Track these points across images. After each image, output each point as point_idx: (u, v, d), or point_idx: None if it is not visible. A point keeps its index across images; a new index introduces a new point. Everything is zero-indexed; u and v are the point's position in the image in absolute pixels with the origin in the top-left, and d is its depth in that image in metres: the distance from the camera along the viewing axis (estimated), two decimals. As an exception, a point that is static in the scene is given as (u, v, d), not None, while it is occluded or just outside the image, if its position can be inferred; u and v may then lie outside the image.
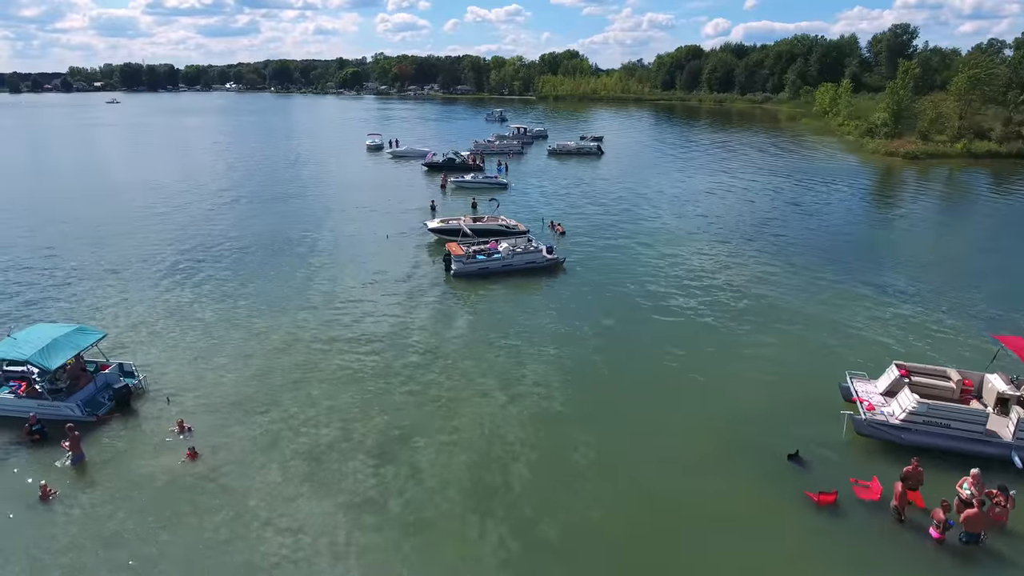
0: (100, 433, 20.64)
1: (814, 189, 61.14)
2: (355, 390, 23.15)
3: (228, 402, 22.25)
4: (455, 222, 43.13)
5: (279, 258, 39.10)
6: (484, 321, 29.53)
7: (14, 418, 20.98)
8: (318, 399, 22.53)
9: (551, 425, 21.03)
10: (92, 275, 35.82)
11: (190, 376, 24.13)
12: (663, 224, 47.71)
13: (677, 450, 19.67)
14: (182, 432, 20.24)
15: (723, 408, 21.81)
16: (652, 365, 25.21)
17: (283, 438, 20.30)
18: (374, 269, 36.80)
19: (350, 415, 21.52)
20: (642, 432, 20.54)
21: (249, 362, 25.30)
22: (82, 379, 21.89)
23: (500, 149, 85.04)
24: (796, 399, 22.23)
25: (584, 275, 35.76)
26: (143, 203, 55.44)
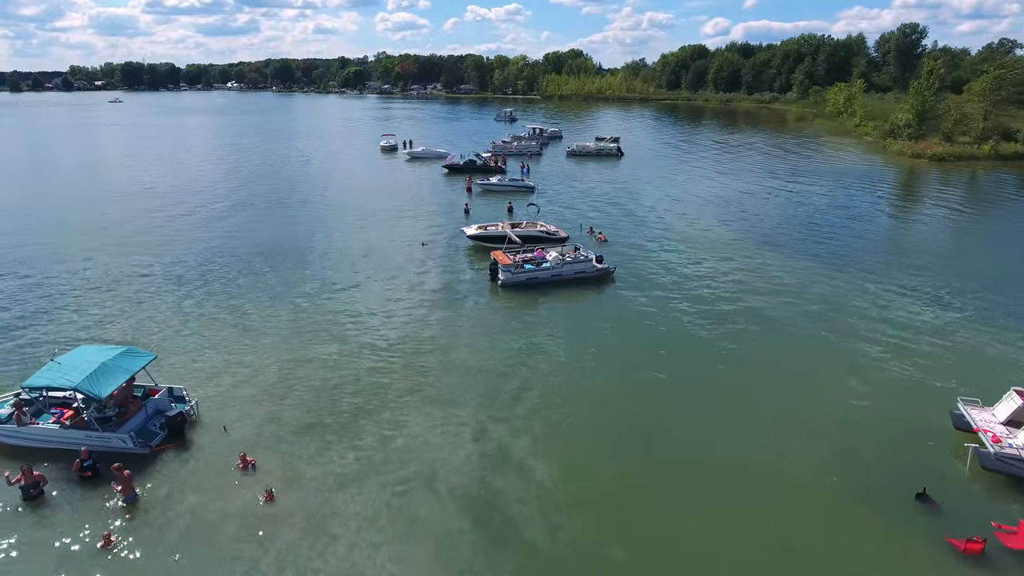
0: (155, 467, 18.83)
1: (851, 192, 59.42)
2: (421, 417, 21.35)
3: (289, 431, 20.44)
4: (493, 228, 41.38)
5: (315, 267, 37.25)
6: (541, 337, 27.73)
7: (61, 451, 19.19)
8: (385, 425, 20.74)
9: (650, 466, 19.26)
10: (110, 284, 33.96)
11: (240, 400, 22.30)
12: (707, 230, 45.93)
13: (793, 492, 17.91)
14: (246, 468, 18.43)
15: (827, 439, 20.07)
16: (729, 390, 23.44)
17: (362, 472, 18.50)
18: (416, 279, 34.98)
19: (428, 445, 19.73)
20: (745, 472, 18.78)
21: (302, 383, 23.48)
22: (132, 406, 20.05)
23: (519, 150, 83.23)
24: (903, 428, 20.52)
25: (635, 286, 33.98)
26: (163, 208, 53.51)
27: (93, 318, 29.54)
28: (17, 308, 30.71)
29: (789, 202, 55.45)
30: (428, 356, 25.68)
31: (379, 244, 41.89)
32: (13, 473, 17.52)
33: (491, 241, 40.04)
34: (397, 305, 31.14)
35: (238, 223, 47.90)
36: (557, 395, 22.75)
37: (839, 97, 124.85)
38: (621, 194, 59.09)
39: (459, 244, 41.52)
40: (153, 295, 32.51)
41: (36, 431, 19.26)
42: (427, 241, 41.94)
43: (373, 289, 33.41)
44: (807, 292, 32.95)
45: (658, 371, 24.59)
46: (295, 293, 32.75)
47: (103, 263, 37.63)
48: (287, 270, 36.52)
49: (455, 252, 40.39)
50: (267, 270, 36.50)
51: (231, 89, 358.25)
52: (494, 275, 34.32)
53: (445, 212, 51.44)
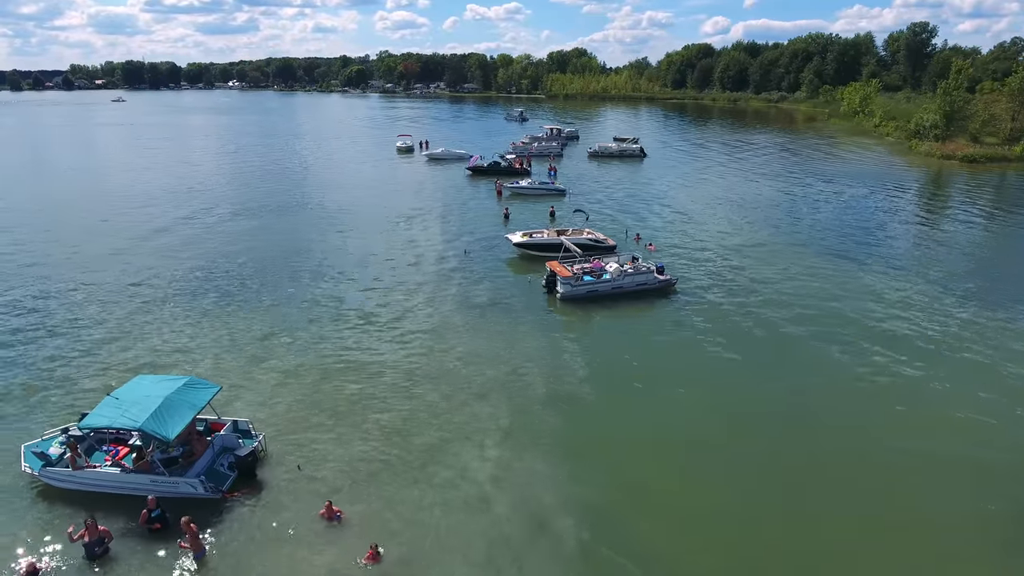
0: (227, 516, 16.77)
1: (893, 196, 57.53)
2: (509, 452, 19.32)
3: (371, 471, 18.39)
4: (539, 235, 39.34)
5: (360, 278, 35.11)
6: (615, 358, 25.71)
7: (122, 496, 17.13)
8: (474, 465, 18.70)
9: (786, 523, 17.29)
10: (143, 298, 31.86)
11: (308, 433, 20.24)
12: (758, 236, 43.91)
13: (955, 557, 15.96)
14: (331, 518, 16.37)
15: (964, 485, 18.11)
16: (840, 421, 21.48)
17: (465, 521, 16.47)
18: (466, 292, 32.89)
19: (527, 486, 17.69)
20: (904, 518, 16.82)
21: (369, 413, 21.42)
22: (198, 444, 17.97)
23: (540, 151, 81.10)
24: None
25: (699, 298, 31.97)
26: (193, 215, 51.30)
27: (129, 338, 27.42)
28: (40, 322, 28.60)
29: (836, 206, 53.43)
30: (502, 384, 23.63)
31: (420, 253, 39.78)
32: (76, 527, 15.44)
33: (538, 249, 38.01)
34: (455, 324, 29.03)
35: (268, 229, 45.76)
36: (655, 431, 20.75)
37: (854, 97, 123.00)
38: (654, 197, 57.06)
39: (503, 252, 39.48)
40: (186, 309, 30.40)
41: (95, 476, 17.18)
42: (470, 249, 39.85)
43: (425, 304, 31.31)
44: (905, 308, 30.93)
45: (753, 401, 22.60)
46: (343, 308, 30.66)
47: (134, 273, 35.49)
48: (330, 282, 34.41)
49: (500, 261, 38.33)
50: (308, 282, 34.39)
51: (233, 88, 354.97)
52: (551, 287, 32.30)
53: (480, 217, 49.34)
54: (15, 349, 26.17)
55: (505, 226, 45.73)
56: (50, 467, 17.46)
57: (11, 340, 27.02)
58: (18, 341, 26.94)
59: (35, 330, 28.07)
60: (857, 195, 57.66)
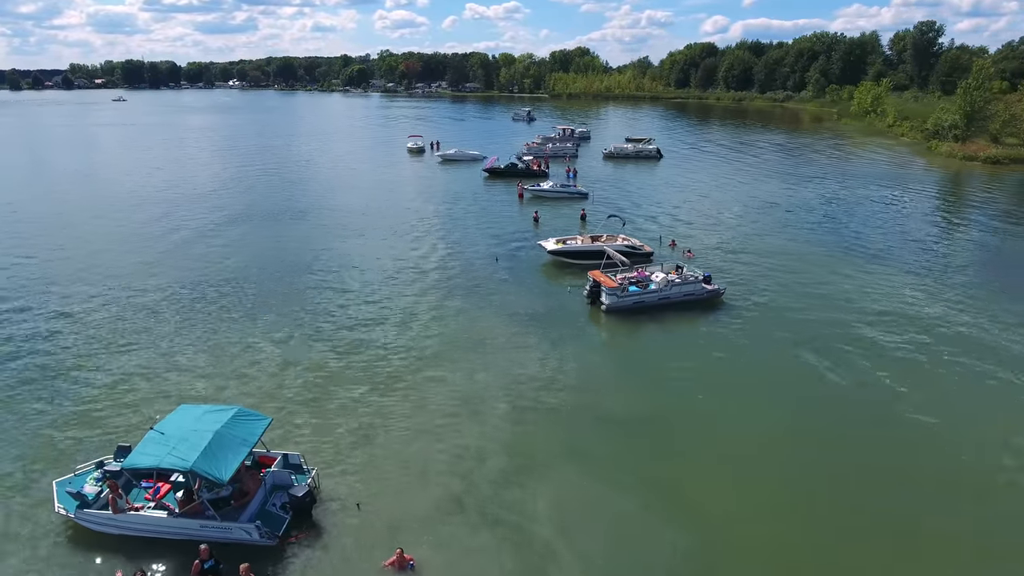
0: (283, 565, 15.14)
1: (924, 198, 56.22)
2: (592, 485, 17.77)
3: (440, 509, 16.77)
4: (574, 242, 37.77)
5: (391, 286, 33.48)
6: (670, 374, 24.17)
7: (165, 540, 15.53)
8: (555, 499, 17.11)
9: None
10: (161, 313, 30.21)
11: (361, 464, 18.65)
12: (798, 239, 42.36)
13: None
14: (402, 567, 14.77)
15: None
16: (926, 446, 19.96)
17: (542, 564, 14.91)
18: (503, 302, 31.23)
19: (617, 526, 16.14)
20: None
21: (422, 439, 19.84)
22: (250, 482, 16.34)
23: (554, 152, 79.37)
24: None
25: (749, 309, 30.41)
26: (203, 222, 49.59)
27: (153, 357, 25.79)
28: (56, 338, 26.95)
29: (869, 208, 51.85)
30: (563, 405, 22.06)
31: (447, 259, 38.15)
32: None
33: (574, 257, 36.47)
34: (498, 340, 27.39)
35: (287, 235, 44.07)
36: (733, 460, 19.20)
37: (865, 97, 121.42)
38: (678, 200, 55.44)
39: (536, 259, 37.87)
40: (210, 326, 28.75)
41: (138, 520, 15.55)
42: (501, 256, 38.22)
43: (461, 317, 29.68)
44: (952, 317, 29.44)
45: (832, 419, 21.06)
46: (375, 323, 29.03)
47: (153, 286, 33.82)
48: (358, 293, 32.74)
49: (533, 268, 36.74)
50: (335, 293, 32.73)
51: (233, 87, 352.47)
52: (594, 298, 30.71)
53: (504, 220, 47.71)
54: (33, 369, 24.52)
55: (535, 230, 44.17)
56: (87, 508, 15.83)
57: (28, 359, 25.36)
58: (35, 360, 25.29)
59: (51, 348, 26.41)
60: (888, 196, 56.15)
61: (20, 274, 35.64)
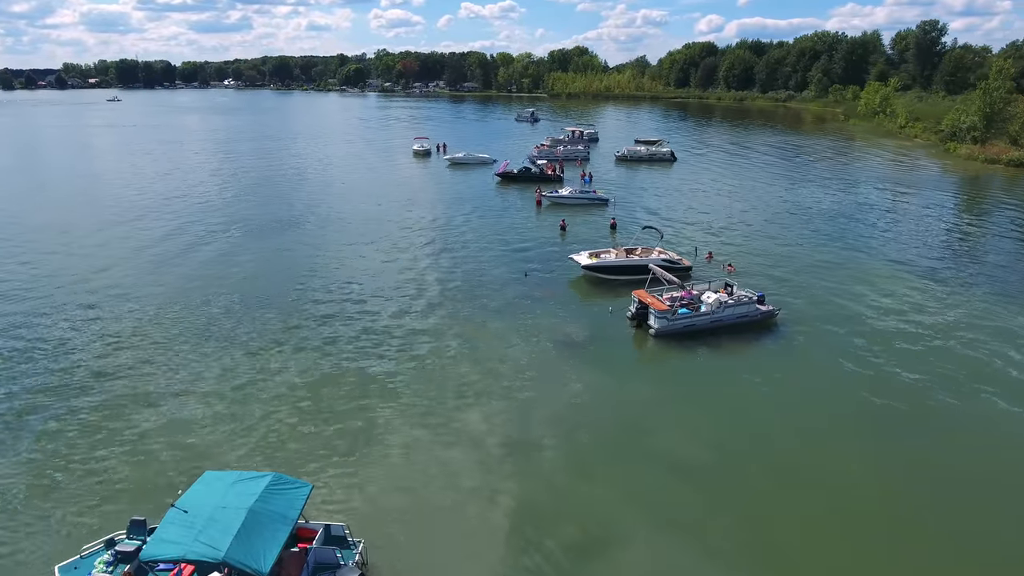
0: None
1: (957, 203, 54.18)
2: (664, 562, 15.30)
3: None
4: (607, 256, 35.27)
5: (413, 305, 30.87)
6: (734, 410, 21.77)
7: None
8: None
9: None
10: (165, 344, 27.56)
11: (410, 532, 16.11)
12: (841, 249, 39.96)
13: None
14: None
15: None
16: None
17: None
18: (541, 326, 28.70)
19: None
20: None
21: (476, 497, 17.34)
22: (291, 566, 13.72)
23: (565, 155, 76.67)
24: None
25: (807, 330, 27.98)
26: (205, 232, 46.80)
27: (162, 400, 23.15)
28: (48, 373, 24.28)
29: (902, 215, 49.59)
30: (630, 450, 19.58)
31: (473, 275, 35.51)
32: None
33: (611, 273, 33.98)
34: (538, 370, 24.90)
35: (297, 247, 41.43)
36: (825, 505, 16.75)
37: (873, 97, 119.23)
38: (699, 206, 52.92)
39: (567, 273, 35.33)
40: (222, 362, 26.12)
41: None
42: (529, 271, 35.65)
43: (498, 342, 27.13)
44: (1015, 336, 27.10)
45: (916, 459, 18.65)
46: (406, 354, 26.43)
47: (157, 310, 31.13)
48: (380, 315, 30.13)
49: (567, 285, 34.23)
50: (356, 314, 30.11)
51: (229, 87, 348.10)
52: (640, 320, 28.22)
53: (525, 229, 45.17)
54: (26, 408, 21.84)
55: (562, 240, 41.68)
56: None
57: (25, 399, 22.68)
58: (26, 400, 22.61)
59: (45, 385, 23.73)
60: (919, 201, 53.92)
61: (23, 293, 32.90)
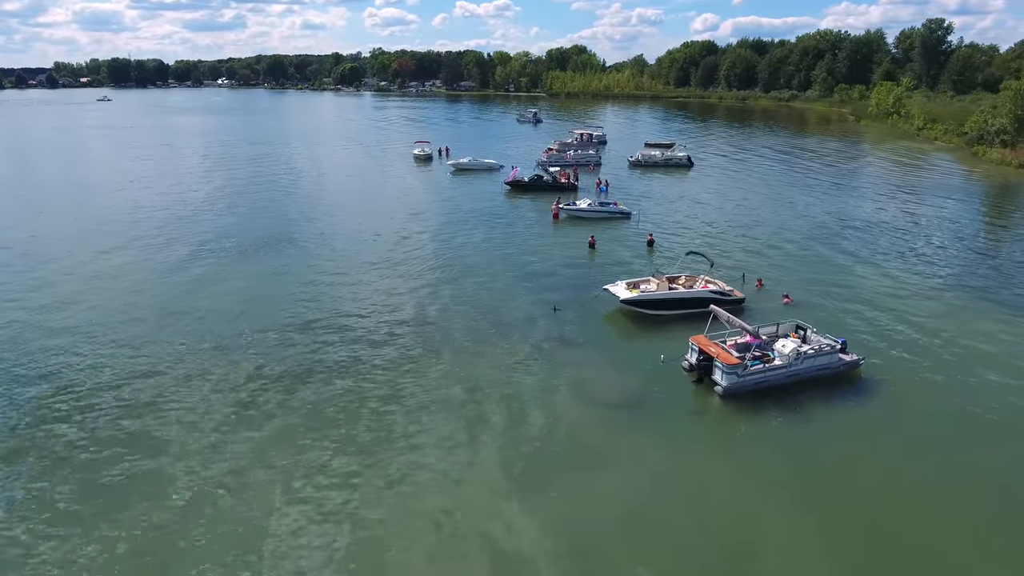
0: None
1: (1013, 217, 49.28)
2: None
3: None
4: (648, 286, 30.29)
5: (429, 355, 25.82)
6: (842, 495, 16.85)
7: None
8: None
9: None
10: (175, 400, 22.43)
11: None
12: (912, 275, 34.86)
13: None
14: None
15: None
16: None
17: None
18: (576, 377, 23.75)
19: None
20: None
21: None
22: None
23: (577, 160, 71.58)
24: None
25: (890, 379, 23.12)
26: (196, 249, 41.52)
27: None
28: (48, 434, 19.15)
29: (962, 231, 44.49)
30: (707, 558, 14.68)
31: (494, 309, 30.33)
32: None
33: (654, 307, 29.02)
34: (590, 444, 19.94)
35: (294, 268, 36.22)
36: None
37: (886, 97, 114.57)
38: (732, 220, 47.85)
39: (601, 304, 30.26)
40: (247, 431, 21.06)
41: None
42: (559, 305, 30.58)
43: (535, 398, 22.16)
44: None
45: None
46: (431, 420, 21.43)
47: (163, 350, 25.98)
48: (398, 363, 25.06)
49: (602, 321, 29.24)
50: (370, 354, 25.05)
51: (222, 86, 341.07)
52: (701, 373, 23.27)
53: (545, 248, 40.10)
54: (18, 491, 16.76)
55: (591, 259, 36.70)
56: None
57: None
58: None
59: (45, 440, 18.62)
60: (973, 215, 49.35)
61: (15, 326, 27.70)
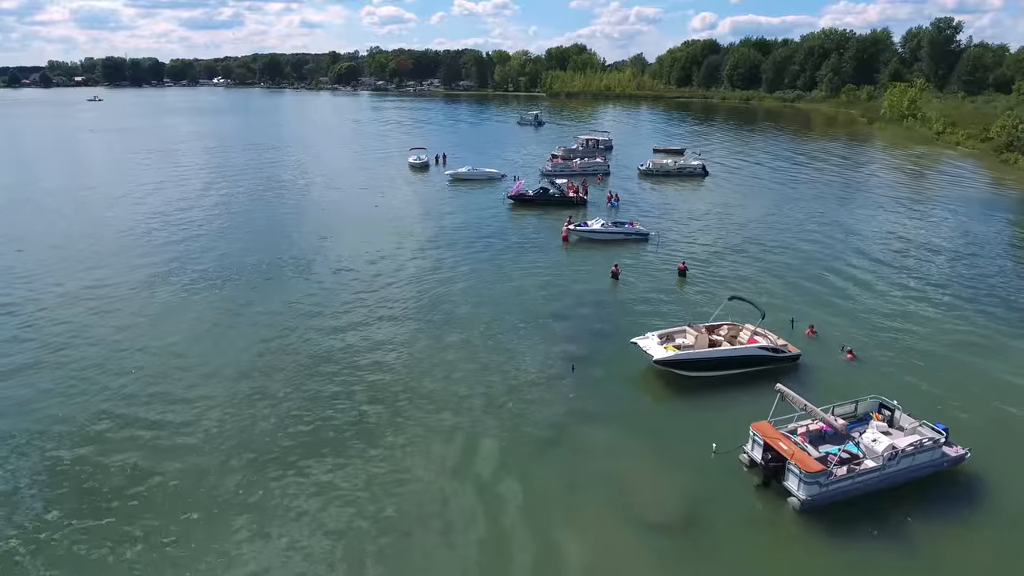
0: None
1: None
2: None
3: None
4: (683, 339, 25.01)
5: (419, 438, 20.53)
6: None
7: None
8: None
9: None
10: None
11: None
12: (978, 317, 29.62)
13: None
14: None
15: None
16: None
17: None
18: (603, 472, 18.53)
19: None
20: None
21: None
22: None
23: (583, 169, 66.14)
24: None
25: (998, 477, 17.91)
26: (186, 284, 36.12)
27: None
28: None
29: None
30: None
31: (491, 370, 24.88)
32: None
33: (695, 369, 23.72)
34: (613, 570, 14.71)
35: (276, 306, 30.81)
36: None
37: (901, 99, 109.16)
38: (762, 243, 42.27)
39: (630, 362, 24.96)
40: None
41: None
42: (579, 362, 25.24)
43: (548, 505, 16.90)
44: None
45: None
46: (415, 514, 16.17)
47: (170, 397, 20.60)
48: (378, 438, 19.78)
49: (632, 385, 23.92)
50: (354, 441, 19.74)
51: (217, 85, 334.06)
52: (768, 475, 17.98)
53: (557, 278, 34.67)
54: None
55: (612, 289, 31.38)
56: None
57: None
58: None
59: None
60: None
61: None
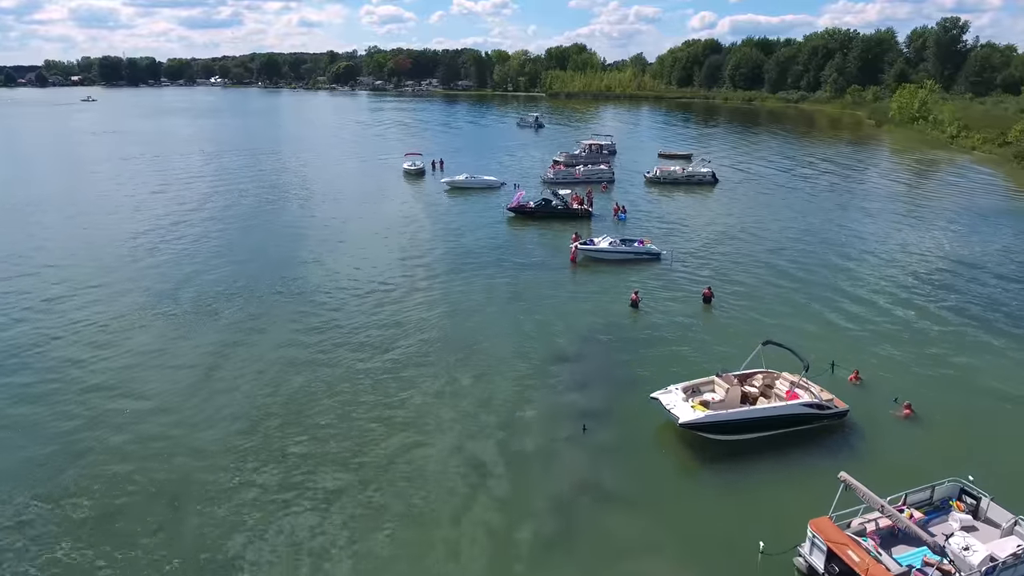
0: None
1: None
2: None
3: None
4: (715, 394, 21.39)
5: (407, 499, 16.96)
6: None
7: None
8: None
9: None
10: None
11: None
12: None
13: None
14: None
15: None
16: None
17: None
18: (623, 572, 15.00)
19: None
20: None
21: None
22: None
23: (587, 176, 62.45)
24: None
25: None
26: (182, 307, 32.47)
27: None
28: None
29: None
30: None
31: (498, 426, 21.48)
32: None
33: (727, 432, 20.10)
34: None
35: (260, 354, 27.20)
36: None
37: (911, 100, 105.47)
38: (784, 265, 38.48)
39: (648, 418, 21.38)
40: None
41: None
42: (589, 421, 21.58)
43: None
44: None
45: None
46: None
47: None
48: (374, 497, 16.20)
49: (653, 450, 20.32)
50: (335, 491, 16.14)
51: (215, 85, 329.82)
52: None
53: (562, 304, 31.04)
54: None
55: (632, 320, 27.78)
56: None
57: None
58: None
59: None
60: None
61: None
